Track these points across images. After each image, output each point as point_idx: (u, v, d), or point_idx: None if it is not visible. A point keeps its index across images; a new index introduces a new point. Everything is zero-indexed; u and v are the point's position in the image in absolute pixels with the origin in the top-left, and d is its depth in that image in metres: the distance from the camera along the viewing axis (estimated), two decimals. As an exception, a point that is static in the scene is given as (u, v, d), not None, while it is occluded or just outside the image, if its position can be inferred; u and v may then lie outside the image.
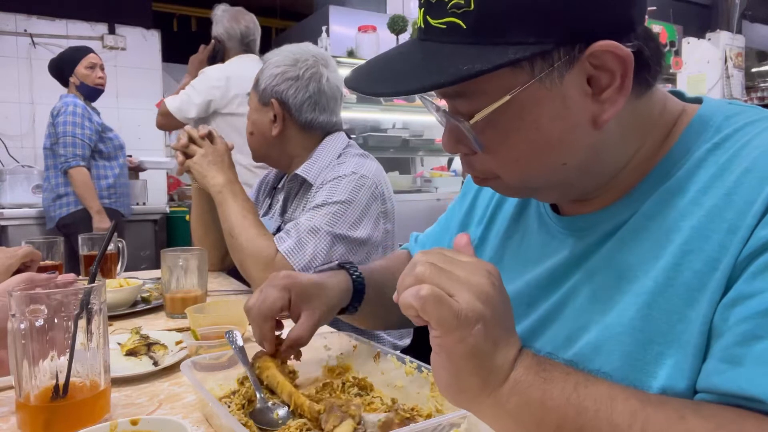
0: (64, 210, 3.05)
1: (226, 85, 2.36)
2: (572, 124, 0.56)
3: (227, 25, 2.53)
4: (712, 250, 0.54)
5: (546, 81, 0.54)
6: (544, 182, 0.62)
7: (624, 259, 0.61)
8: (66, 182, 3.05)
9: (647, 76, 0.59)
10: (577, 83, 0.55)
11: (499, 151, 0.59)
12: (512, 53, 0.51)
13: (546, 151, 0.58)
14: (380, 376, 0.80)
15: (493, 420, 0.53)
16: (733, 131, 0.59)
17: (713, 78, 4.66)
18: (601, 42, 0.52)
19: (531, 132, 0.57)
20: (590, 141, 0.58)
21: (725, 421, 0.47)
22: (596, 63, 0.54)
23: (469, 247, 0.55)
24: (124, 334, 1.01)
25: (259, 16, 2.78)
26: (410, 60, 0.58)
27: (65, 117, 2.97)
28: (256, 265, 1.31)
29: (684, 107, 0.65)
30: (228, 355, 0.81)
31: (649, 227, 0.60)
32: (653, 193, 0.61)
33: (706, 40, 4.71)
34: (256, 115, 1.52)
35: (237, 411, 0.71)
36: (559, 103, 0.55)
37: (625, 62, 0.54)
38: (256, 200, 1.72)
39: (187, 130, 1.53)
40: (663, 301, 0.57)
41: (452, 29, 0.54)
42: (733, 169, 0.56)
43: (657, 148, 0.63)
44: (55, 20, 4.32)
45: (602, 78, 0.55)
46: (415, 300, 0.49)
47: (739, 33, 4.76)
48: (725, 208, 0.54)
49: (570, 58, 0.53)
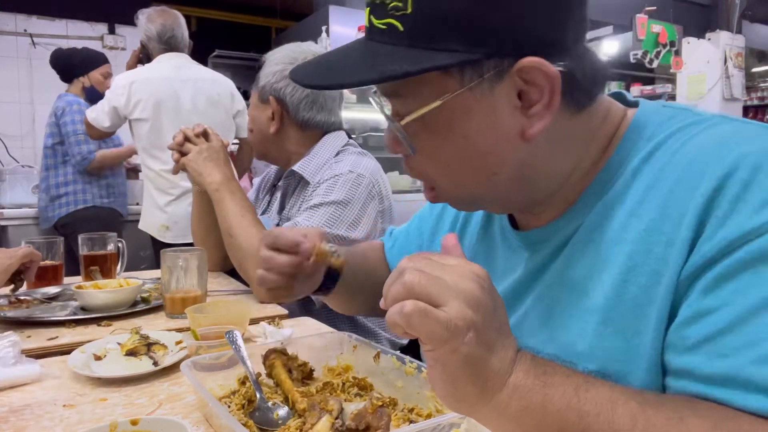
0: (63, 210, 3.05)
1: (129, 92, 2.38)
2: (501, 136, 0.58)
3: (144, 27, 2.54)
4: (654, 264, 0.55)
5: (476, 91, 0.55)
6: (479, 193, 0.64)
7: (574, 275, 0.63)
8: (66, 182, 3.05)
9: (580, 97, 0.59)
10: (506, 96, 0.56)
11: (431, 155, 0.61)
12: (440, 59, 0.53)
13: (475, 159, 0.60)
14: (380, 376, 0.80)
15: (495, 425, 0.53)
16: (664, 138, 0.60)
17: (713, 78, 4.66)
18: (530, 58, 0.54)
19: (460, 139, 0.58)
20: (519, 154, 0.59)
21: (721, 419, 0.47)
22: (526, 78, 0.55)
23: (458, 248, 0.54)
24: (124, 334, 1.01)
25: (259, 16, 2.77)
26: (351, 56, 0.60)
27: (73, 116, 2.97)
28: (255, 265, 1.31)
29: (625, 114, 0.66)
30: (228, 355, 0.81)
31: (593, 240, 0.62)
32: (595, 205, 0.62)
33: (706, 40, 4.71)
34: (256, 112, 1.52)
35: (237, 411, 0.71)
36: (489, 113, 0.57)
37: (552, 80, 0.55)
38: (256, 198, 1.72)
39: (182, 129, 1.53)
40: (616, 318, 0.58)
41: (391, 31, 0.55)
42: (666, 179, 0.57)
43: (599, 156, 0.64)
44: (55, 20, 4.32)
45: (532, 93, 0.56)
46: (400, 318, 0.47)
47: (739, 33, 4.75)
48: (662, 220, 0.56)
49: (499, 71, 0.55)
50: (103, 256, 1.56)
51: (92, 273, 1.52)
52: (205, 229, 1.63)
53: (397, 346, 1.50)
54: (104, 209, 3.10)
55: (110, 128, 2.51)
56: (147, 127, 2.40)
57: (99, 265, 1.54)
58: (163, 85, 2.41)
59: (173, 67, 2.47)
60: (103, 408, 0.78)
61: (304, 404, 0.69)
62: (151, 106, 2.38)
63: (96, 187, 3.10)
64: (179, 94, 2.43)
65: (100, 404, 0.79)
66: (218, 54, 5.03)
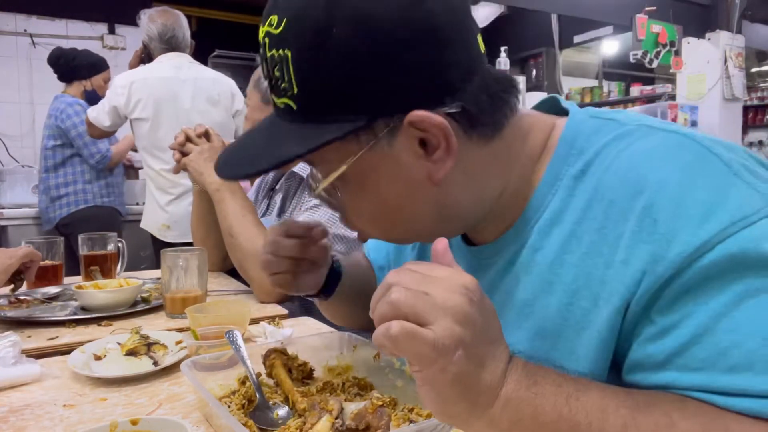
0: (64, 210, 3.05)
1: (129, 91, 2.40)
2: (410, 185, 0.60)
3: (146, 27, 2.56)
4: (594, 287, 0.57)
5: (376, 149, 0.57)
6: (408, 235, 0.67)
7: (520, 296, 0.64)
8: (66, 182, 3.05)
9: (484, 130, 0.60)
10: (407, 147, 0.57)
11: (354, 212, 0.65)
12: (330, 132, 0.55)
13: (393, 209, 0.62)
14: (380, 376, 0.80)
15: None
16: (594, 155, 0.61)
17: (713, 78, 4.65)
18: (413, 113, 0.55)
19: (374, 194, 0.61)
20: (431, 197, 0.61)
21: (710, 420, 0.49)
22: (421, 127, 0.56)
23: (448, 253, 0.53)
24: (124, 334, 1.01)
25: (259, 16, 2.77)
26: (258, 139, 0.63)
27: (80, 117, 2.97)
28: (255, 265, 1.31)
29: (554, 124, 0.66)
30: (228, 355, 0.81)
31: (536, 261, 0.63)
32: (533, 226, 0.63)
33: (706, 40, 4.71)
34: (257, 114, 1.51)
35: (237, 411, 0.71)
36: (393, 166, 0.58)
37: (441, 128, 0.56)
38: (255, 200, 1.72)
39: (183, 129, 1.53)
40: (562, 342, 0.60)
41: (288, 109, 0.58)
42: (600, 199, 0.58)
43: (529, 175, 0.65)
44: (55, 20, 4.33)
45: (432, 139, 0.57)
46: (387, 340, 0.46)
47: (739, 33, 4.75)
48: (600, 243, 0.57)
49: (392, 129, 0.56)
50: (103, 256, 1.56)
51: (92, 273, 1.52)
52: (205, 229, 1.63)
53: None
54: (104, 209, 3.10)
55: (111, 127, 2.52)
56: (147, 126, 2.40)
57: (99, 265, 1.54)
58: (163, 84, 2.41)
59: (173, 67, 2.47)
60: (103, 408, 0.78)
61: (304, 404, 0.69)
62: (151, 106, 2.38)
63: (96, 187, 3.10)
64: (178, 93, 2.44)
65: (100, 404, 0.79)
66: (218, 54, 5.03)
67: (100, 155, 3.02)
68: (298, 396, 0.72)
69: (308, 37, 0.54)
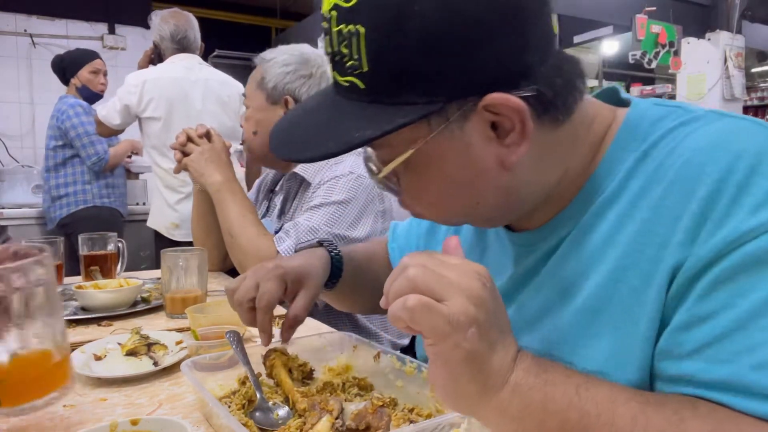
0: (64, 210, 3.07)
1: (141, 90, 2.41)
2: (480, 169, 0.58)
3: (158, 27, 2.59)
4: (646, 265, 0.55)
5: (446, 133, 0.55)
6: (465, 219, 0.67)
7: (566, 275, 0.63)
8: (66, 183, 3.06)
9: (556, 114, 0.58)
10: (479, 131, 0.56)
11: (415, 196, 0.63)
12: (402, 115, 0.53)
13: (457, 195, 0.60)
14: (380, 376, 0.80)
15: (496, 424, 0.53)
16: (658, 138, 0.59)
17: (713, 78, 4.66)
18: (491, 95, 0.53)
19: (440, 180, 0.59)
20: (501, 182, 0.59)
21: (722, 420, 0.48)
22: (494, 111, 0.54)
23: (459, 250, 0.54)
24: (124, 334, 1.01)
25: (259, 16, 2.79)
26: (318, 119, 0.60)
27: (80, 118, 2.99)
28: (256, 265, 1.31)
29: (614, 115, 0.65)
30: (228, 355, 0.81)
31: (586, 241, 0.61)
32: (587, 208, 0.62)
33: (706, 40, 4.71)
34: (263, 114, 1.50)
35: (237, 411, 0.71)
36: (463, 151, 0.57)
37: (519, 112, 0.54)
38: (255, 201, 1.72)
39: (185, 129, 1.54)
40: (606, 319, 0.58)
41: (353, 88, 0.55)
42: (660, 180, 0.56)
43: (588, 161, 0.63)
44: (55, 20, 4.32)
45: (505, 123, 0.55)
46: (403, 312, 0.47)
47: (739, 33, 4.75)
48: (655, 221, 0.55)
49: (465, 112, 0.54)
50: (103, 256, 1.56)
51: (92, 273, 1.52)
52: (205, 229, 1.63)
53: (397, 347, 1.50)
54: (104, 209, 3.11)
55: (120, 126, 2.53)
56: (159, 125, 2.42)
57: (99, 265, 1.54)
58: (175, 84, 2.44)
59: (184, 68, 2.51)
60: (103, 408, 0.78)
61: (305, 404, 0.69)
62: (163, 105, 2.41)
63: (96, 187, 3.11)
64: (190, 94, 2.47)
65: (100, 404, 0.79)
66: (218, 54, 5.02)
67: (97, 157, 3.03)
68: (299, 396, 0.72)
69: (386, 13, 0.51)
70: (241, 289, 0.82)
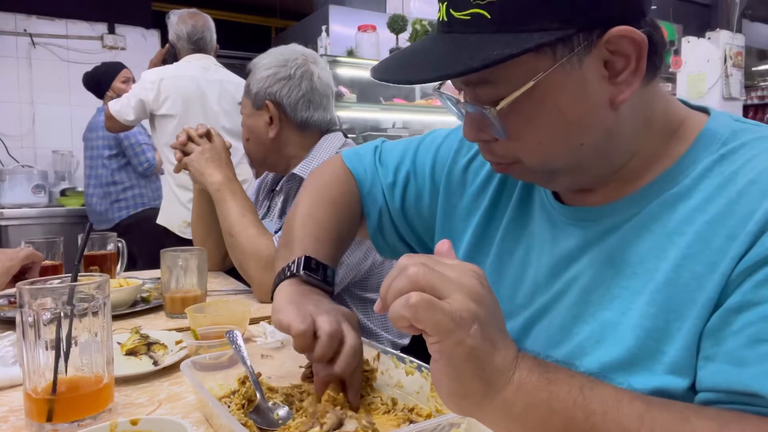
0: (123, 212, 3.29)
1: (158, 87, 2.43)
2: (591, 106, 0.59)
3: (175, 27, 2.62)
4: (711, 254, 0.55)
5: (567, 65, 0.56)
6: (563, 164, 0.63)
7: (624, 257, 0.63)
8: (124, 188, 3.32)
9: (655, 61, 0.60)
10: (594, 67, 0.57)
11: (522, 135, 0.61)
12: (537, 38, 0.53)
13: (566, 132, 0.60)
14: (380, 376, 0.80)
15: (499, 425, 0.53)
16: (740, 145, 0.60)
17: (713, 77, 4.65)
18: (619, 27, 0.55)
19: (553, 115, 0.59)
20: (607, 123, 0.60)
21: (727, 421, 0.48)
22: (612, 48, 0.56)
23: (452, 253, 0.55)
24: (124, 334, 1.01)
25: (259, 15, 2.80)
26: (437, 50, 0.59)
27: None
28: (256, 265, 1.31)
29: (689, 114, 0.66)
30: (228, 355, 0.81)
31: (652, 228, 0.61)
32: (659, 195, 0.62)
33: (706, 39, 4.71)
34: (251, 120, 1.51)
35: (237, 411, 0.71)
36: (579, 86, 0.57)
37: (640, 46, 0.56)
38: (255, 201, 1.72)
39: (185, 128, 1.54)
40: (662, 300, 0.58)
41: (477, 20, 0.55)
42: (738, 181, 0.57)
43: (661, 147, 0.64)
44: (55, 20, 4.32)
45: (617, 62, 0.57)
46: (406, 310, 0.47)
47: (739, 32, 4.75)
48: (727, 215, 0.56)
49: (589, 43, 0.56)
50: (103, 256, 1.56)
51: (92, 273, 1.52)
52: (205, 229, 1.63)
53: (397, 347, 1.50)
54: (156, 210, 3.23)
55: (133, 122, 2.56)
56: (174, 123, 2.43)
57: (99, 265, 1.54)
58: (191, 83, 2.46)
59: (200, 68, 2.53)
60: (103, 408, 0.78)
61: (312, 408, 0.69)
62: (180, 103, 2.43)
63: (151, 191, 3.40)
64: (206, 93, 2.49)
65: (100, 404, 0.79)
66: (218, 54, 5.03)
67: (148, 164, 3.28)
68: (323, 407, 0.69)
69: None
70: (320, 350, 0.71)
